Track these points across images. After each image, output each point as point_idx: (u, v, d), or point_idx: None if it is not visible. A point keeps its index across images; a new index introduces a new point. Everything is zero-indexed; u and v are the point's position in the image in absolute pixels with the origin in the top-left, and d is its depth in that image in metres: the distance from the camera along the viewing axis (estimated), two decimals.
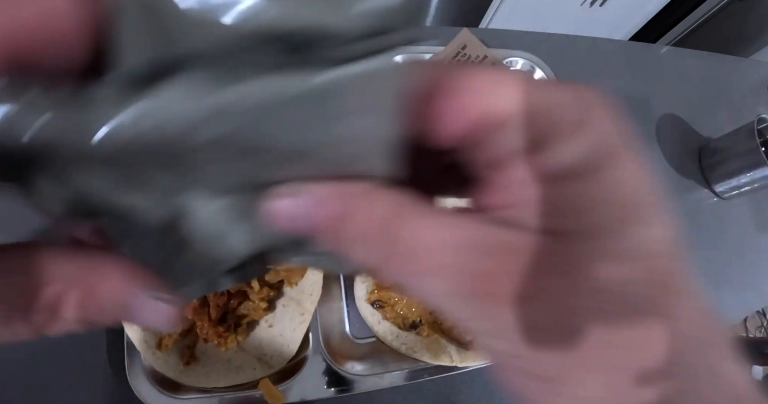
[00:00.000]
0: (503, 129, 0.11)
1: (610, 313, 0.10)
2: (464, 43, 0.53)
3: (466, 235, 0.10)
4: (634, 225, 0.11)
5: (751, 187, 0.58)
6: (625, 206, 0.10)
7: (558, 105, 0.11)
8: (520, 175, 0.11)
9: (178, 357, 0.37)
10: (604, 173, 0.10)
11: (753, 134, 0.56)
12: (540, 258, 0.10)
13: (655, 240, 0.11)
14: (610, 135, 0.11)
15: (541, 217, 0.10)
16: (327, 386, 0.39)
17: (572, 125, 0.11)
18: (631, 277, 0.10)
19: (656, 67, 0.70)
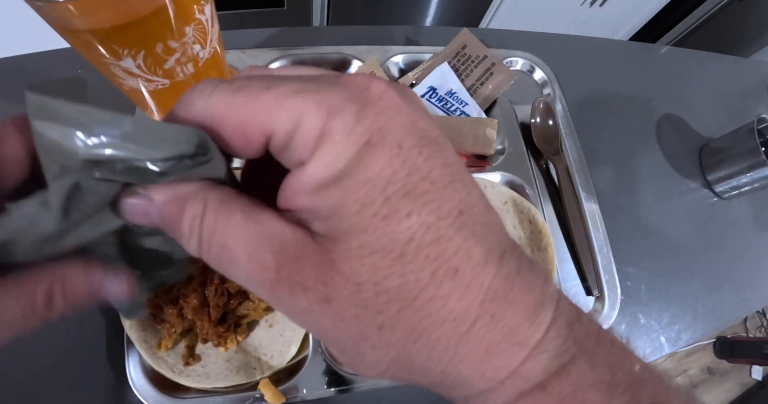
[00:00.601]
0: (280, 149, 0.13)
1: (371, 302, 0.12)
2: (464, 43, 0.53)
3: (259, 230, 0.12)
4: (381, 220, 0.12)
5: (751, 187, 0.58)
6: (368, 206, 0.12)
7: (303, 123, 0.12)
8: (298, 185, 0.12)
9: (178, 357, 0.37)
10: (345, 179, 0.12)
11: (753, 134, 0.56)
12: (311, 254, 0.12)
13: (406, 229, 0.12)
14: (348, 142, 0.12)
15: (311, 221, 0.12)
16: (327, 386, 0.39)
17: (313, 141, 0.12)
18: (385, 269, 0.12)
19: (656, 67, 0.70)
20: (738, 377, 1.66)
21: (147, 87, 0.31)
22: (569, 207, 0.51)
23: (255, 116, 0.12)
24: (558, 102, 0.58)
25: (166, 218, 0.13)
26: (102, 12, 0.24)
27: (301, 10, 1.08)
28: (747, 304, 0.57)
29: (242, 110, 0.12)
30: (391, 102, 0.12)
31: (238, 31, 0.54)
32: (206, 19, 0.30)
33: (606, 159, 0.58)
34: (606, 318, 0.48)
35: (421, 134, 0.12)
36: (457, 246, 0.12)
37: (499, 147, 0.53)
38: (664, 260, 0.55)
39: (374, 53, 0.54)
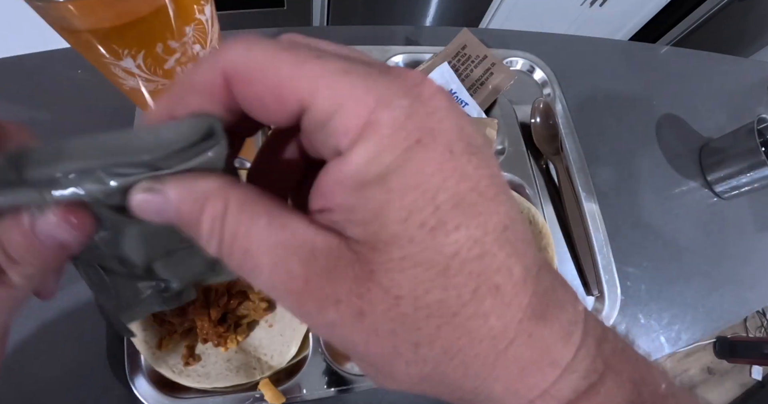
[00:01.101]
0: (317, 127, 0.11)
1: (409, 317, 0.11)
2: (464, 43, 0.53)
3: (288, 237, 0.11)
4: (428, 232, 0.11)
5: (751, 187, 0.58)
6: (415, 214, 0.11)
7: (346, 106, 0.11)
8: (333, 179, 0.11)
9: (178, 357, 0.37)
10: (391, 179, 0.11)
11: (753, 134, 0.56)
12: (346, 265, 0.11)
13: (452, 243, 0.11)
14: (398, 138, 0.11)
15: (352, 224, 0.11)
16: (327, 386, 0.39)
17: (355, 130, 0.11)
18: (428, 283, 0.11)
19: (656, 67, 0.70)
20: (738, 377, 1.66)
21: (147, 87, 0.31)
22: (569, 207, 0.51)
23: (295, 81, 0.11)
24: (558, 102, 0.58)
25: (183, 217, 0.12)
26: (102, 12, 0.24)
27: (301, 10, 1.08)
28: (747, 304, 0.57)
29: (284, 70, 0.11)
30: (443, 103, 0.12)
31: (238, 31, 0.54)
32: (206, 19, 0.30)
33: (606, 159, 0.58)
34: (606, 318, 0.48)
35: (469, 140, 0.12)
36: (500, 263, 0.12)
37: (499, 147, 0.53)
38: (664, 260, 0.55)
39: (374, 53, 0.54)
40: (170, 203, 0.12)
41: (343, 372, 0.40)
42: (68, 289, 0.38)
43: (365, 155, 0.11)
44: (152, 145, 0.12)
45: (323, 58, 0.11)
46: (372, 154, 0.11)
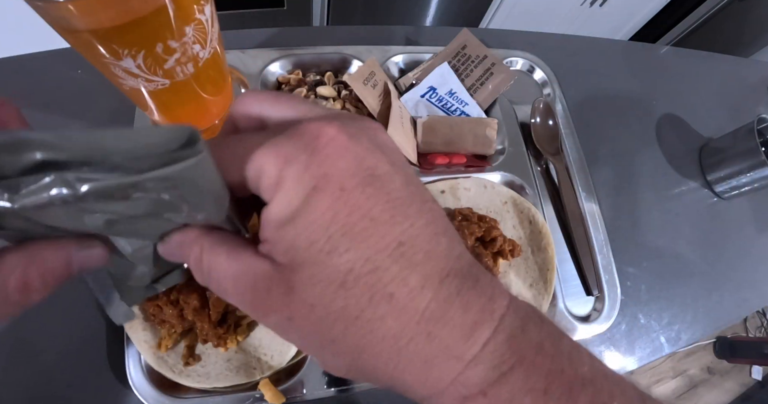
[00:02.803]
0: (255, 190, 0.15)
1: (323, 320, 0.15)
2: (464, 43, 0.53)
3: (240, 268, 0.15)
4: (326, 255, 0.14)
5: (751, 187, 0.58)
6: (315, 243, 0.14)
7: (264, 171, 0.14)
8: (265, 220, 0.15)
9: (178, 357, 0.37)
10: (296, 220, 0.14)
11: (753, 134, 0.56)
12: (276, 284, 0.15)
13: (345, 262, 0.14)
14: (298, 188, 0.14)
15: (277, 253, 0.15)
16: (327, 386, 0.39)
17: (272, 188, 0.14)
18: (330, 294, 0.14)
19: (656, 67, 0.70)
20: (738, 377, 1.66)
21: (147, 87, 0.31)
22: (569, 207, 0.51)
23: (231, 166, 0.15)
24: (558, 102, 0.58)
25: (181, 257, 0.17)
26: (102, 12, 0.24)
27: (301, 10, 1.08)
28: (747, 304, 0.57)
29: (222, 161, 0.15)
30: (338, 146, 0.14)
31: (238, 31, 0.54)
32: (206, 19, 0.30)
33: (606, 159, 0.58)
34: (606, 318, 0.48)
35: (366, 173, 0.14)
36: (393, 275, 0.14)
37: (499, 147, 0.53)
38: (664, 260, 0.55)
39: (374, 53, 0.54)
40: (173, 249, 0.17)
41: None
42: (68, 289, 0.37)
43: (279, 204, 0.14)
44: (128, 146, 0.12)
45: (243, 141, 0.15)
46: (283, 203, 0.14)
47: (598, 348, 0.48)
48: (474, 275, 0.16)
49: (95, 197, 0.12)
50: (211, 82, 0.35)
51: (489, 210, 0.47)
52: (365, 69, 0.48)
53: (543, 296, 0.45)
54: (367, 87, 0.47)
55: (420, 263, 0.15)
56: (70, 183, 0.12)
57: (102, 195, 0.12)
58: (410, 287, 0.14)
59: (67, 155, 0.12)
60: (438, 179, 0.48)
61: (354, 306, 0.14)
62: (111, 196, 0.12)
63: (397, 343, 0.14)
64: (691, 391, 1.60)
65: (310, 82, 0.51)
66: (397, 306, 0.14)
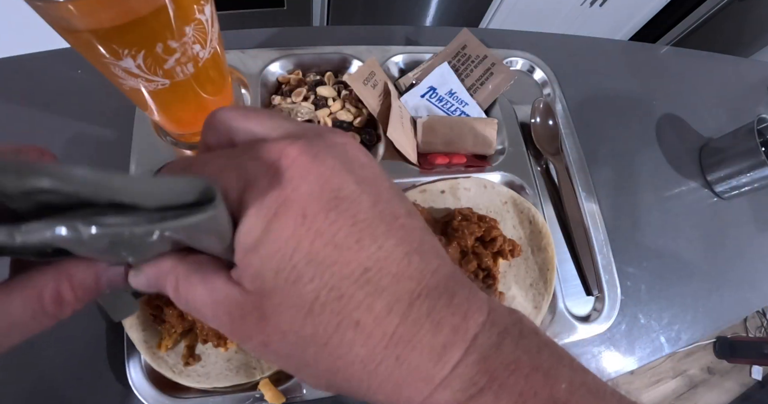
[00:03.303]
0: None
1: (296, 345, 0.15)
2: (464, 43, 0.53)
3: (216, 296, 0.15)
4: (291, 284, 0.14)
5: (751, 187, 0.58)
6: (280, 272, 0.14)
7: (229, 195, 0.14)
8: (236, 245, 0.15)
9: (178, 357, 0.37)
10: (260, 248, 0.14)
11: (753, 134, 0.56)
12: (249, 311, 0.15)
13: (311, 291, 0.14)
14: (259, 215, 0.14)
15: (246, 279, 0.15)
16: None
17: (235, 209, 0.14)
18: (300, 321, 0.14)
19: (656, 67, 0.70)
20: (738, 377, 1.66)
21: (147, 87, 0.31)
22: (569, 207, 0.51)
23: None
24: (558, 102, 0.58)
25: (158, 288, 0.16)
26: (102, 12, 0.24)
27: (301, 10, 1.08)
28: (747, 304, 0.57)
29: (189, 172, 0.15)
30: (300, 168, 0.14)
31: (238, 31, 0.54)
32: (206, 19, 0.30)
33: (606, 159, 0.58)
34: (606, 318, 0.48)
35: (330, 196, 0.14)
36: (359, 302, 0.14)
37: (499, 147, 0.53)
38: (664, 260, 0.55)
39: (374, 53, 0.54)
40: (150, 280, 0.16)
41: None
42: None
43: (244, 229, 0.14)
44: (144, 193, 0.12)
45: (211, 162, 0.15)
46: (247, 228, 0.14)
47: (598, 348, 0.48)
48: (450, 291, 0.15)
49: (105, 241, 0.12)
50: (211, 82, 0.35)
51: (489, 210, 0.47)
52: (365, 69, 0.48)
53: (543, 296, 0.45)
54: (367, 87, 0.47)
55: (386, 287, 0.14)
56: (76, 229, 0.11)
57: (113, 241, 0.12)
58: (376, 313, 0.14)
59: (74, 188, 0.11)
60: (438, 179, 0.48)
61: (322, 332, 0.14)
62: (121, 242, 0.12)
63: (366, 367, 0.14)
64: (691, 391, 1.60)
65: (310, 82, 0.51)
66: (364, 332, 0.14)
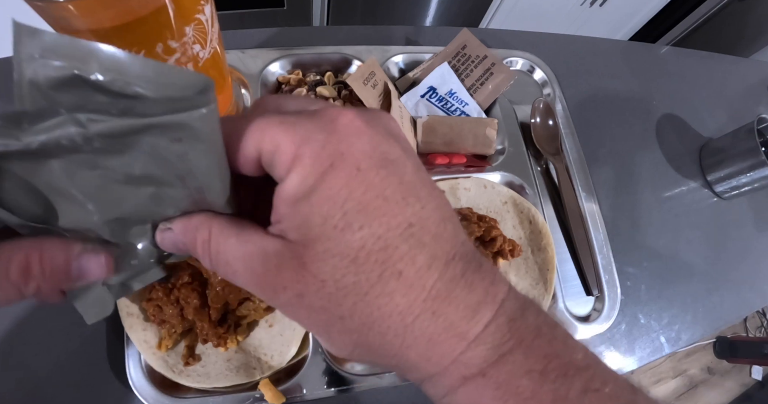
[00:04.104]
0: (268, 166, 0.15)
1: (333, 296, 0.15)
2: (464, 43, 0.53)
3: (250, 248, 0.15)
4: (340, 231, 0.14)
5: (751, 187, 0.58)
6: (329, 219, 0.14)
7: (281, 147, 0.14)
8: (278, 198, 0.15)
9: (178, 357, 0.37)
10: (312, 196, 0.14)
11: (753, 134, 0.56)
12: (288, 260, 0.15)
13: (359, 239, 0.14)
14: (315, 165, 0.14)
15: (290, 230, 0.15)
16: (327, 386, 0.39)
17: (288, 163, 0.15)
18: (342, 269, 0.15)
19: (656, 67, 0.70)
20: (738, 377, 1.66)
21: None
22: (569, 207, 0.51)
23: (248, 138, 0.15)
24: (558, 102, 0.58)
25: (186, 244, 0.17)
26: (102, 12, 0.24)
27: (301, 10, 1.08)
28: (747, 304, 0.57)
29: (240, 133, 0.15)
30: (355, 129, 0.15)
31: (238, 31, 0.54)
32: (206, 19, 0.30)
33: (606, 159, 0.58)
34: (606, 318, 0.48)
35: (381, 156, 0.15)
36: (403, 253, 0.15)
37: (499, 147, 0.53)
38: (664, 260, 0.55)
39: (374, 53, 0.54)
40: (177, 236, 0.17)
41: (343, 372, 0.40)
42: None
43: (295, 180, 0.14)
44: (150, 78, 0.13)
45: (265, 116, 0.15)
46: (299, 179, 0.14)
47: (598, 348, 0.48)
48: (477, 260, 0.16)
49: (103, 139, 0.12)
50: None
51: (489, 210, 0.47)
52: (365, 69, 0.48)
53: (543, 296, 0.45)
54: (367, 87, 0.47)
55: (428, 244, 0.15)
56: (81, 122, 0.12)
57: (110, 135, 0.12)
58: (418, 266, 0.15)
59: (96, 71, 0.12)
60: (438, 179, 0.48)
61: (364, 281, 0.14)
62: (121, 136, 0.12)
63: (403, 320, 0.15)
64: (691, 391, 1.60)
65: (310, 82, 0.51)
66: (406, 283, 0.15)
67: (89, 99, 0.13)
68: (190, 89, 0.13)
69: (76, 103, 0.12)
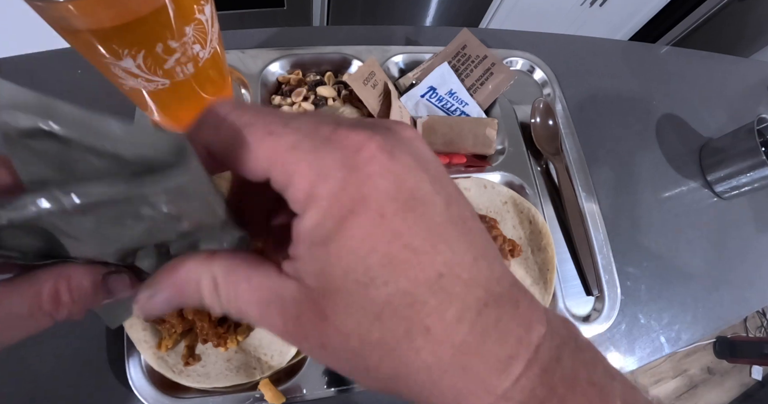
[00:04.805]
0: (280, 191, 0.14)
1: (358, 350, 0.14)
2: (464, 43, 0.53)
3: (265, 295, 0.14)
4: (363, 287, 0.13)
5: (751, 187, 0.58)
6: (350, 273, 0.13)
7: (294, 180, 0.13)
8: (296, 233, 0.14)
9: (178, 357, 0.37)
10: (331, 244, 0.13)
11: (753, 134, 0.56)
12: (307, 311, 0.14)
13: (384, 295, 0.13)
14: (333, 209, 0.13)
15: (307, 275, 0.14)
16: (327, 386, 0.39)
17: (302, 201, 0.13)
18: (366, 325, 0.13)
19: (656, 67, 0.70)
20: (738, 377, 1.66)
21: (147, 87, 0.31)
22: (569, 207, 0.51)
23: (255, 158, 0.13)
24: (558, 102, 0.58)
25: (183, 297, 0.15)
26: (102, 12, 0.24)
27: (301, 10, 1.08)
28: (747, 304, 0.57)
29: (245, 147, 0.14)
30: (379, 166, 0.13)
31: (238, 31, 0.54)
32: (206, 19, 0.30)
33: (606, 159, 0.58)
34: (606, 318, 0.48)
35: (408, 196, 0.13)
36: (431, 309, 0.13)
37: (499, 147, 0.53)
38: (664, 260, 0.55)
39: (374, 53, 0.54)
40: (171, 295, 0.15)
41: None
42: None
43: (311, 221, 0.13)
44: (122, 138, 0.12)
45: (275, 135, 0.13)
46: (315, 221, 0.13)
47: (598, 349, 0.48)
48: (514, 300, 0.15)
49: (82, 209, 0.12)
50: (211, 82, 0.35)
51: (489, 210, 0.47)
52: (365, 69, 0.48)
53: (543, 296, 0.45)
54: (367, 87, 0.47)
55: (458, 294, 0.14)
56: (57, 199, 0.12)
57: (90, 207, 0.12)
58: (447, 321, 0.14)
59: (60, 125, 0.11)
60: None
61: (390, 338, 0.14)
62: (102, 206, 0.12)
63: (431, 376, 0.14)
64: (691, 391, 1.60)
65: (310, 82, 0.51)
66: (433, 340, 0.14)
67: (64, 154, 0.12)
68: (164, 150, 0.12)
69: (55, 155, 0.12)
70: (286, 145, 0.13)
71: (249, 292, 0.14)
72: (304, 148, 0.13)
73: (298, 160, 0.13)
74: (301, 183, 0.13)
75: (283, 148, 0.13)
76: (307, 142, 0.13)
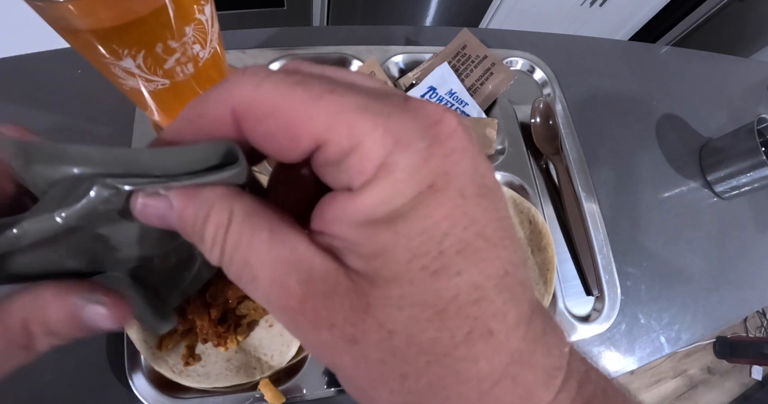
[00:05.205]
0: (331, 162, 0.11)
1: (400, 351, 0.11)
2: (464, 43, 0.53)
3: (287, 254, 0.11)
4: (430, 275, 0.11)
5: (751, 187, 0.58)
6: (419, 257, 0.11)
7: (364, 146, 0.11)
8: (341, 210, 0.11)
9: (178, 357, 0.37)
10: (400, 222, 0.11)
11: (753, 134, 0.56)
12: (343, 294, 0.11)
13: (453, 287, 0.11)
14: (411, 183, 0.11)
15: (354, 256, 0.11)
16: (327, 386, 0.39)
17: (370, 171, 0.11)
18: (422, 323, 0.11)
19: (656, 67, 0.70)
20: (738, 377, 1.66)
21: (147, 87, 0.31)
22: (569, 207, 0.51)
23: (310, 119, 0.11)
24: (558, 102, 0.58)
25: (186, 223, 0.12)
26: (102, 12, 0.24)
27: (301, 10, 1.08)
28: (747, 304, 0.57)
29: (298, 107, 0.11)
30: (461, 142, 0.11)
31: (238, 31, 0.54)
32: (206, 19, 0.30)
33: (606, 159, 0.58)
34: (606, 318, 0.48)
35: (481, 181, 0.12)
36: (497, 309, 0.12)
37: (499, 147, 0.53)
38: (664, 260, 0.55)
39: (374, 53, 0.54)
40: (173, 208, 0.12)
41: None
42: None
43: (377, 197, 0.11)
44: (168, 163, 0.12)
45: (338, 93, 0.11)
46: (384, 196, 0.11)
47: (598, 349, 0.48)
48: (547, 311, 0.14)
49: None
50: (211, 82, 0.35)
51: None
52: (365, 69, 0.48)
53: (543, 296, 0.45)
54: None
55: (518, 296, 0.12)
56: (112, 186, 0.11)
57: None
58: (509, 324, 0.12)
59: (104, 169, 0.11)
60: None
61: (448, 339, 0.11)
62: None
63: (480, 387, 0.12)
64: (691, 391, 1.60)
65: None
66: (494, 345, 0.12)
67: None
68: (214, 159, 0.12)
69: None
70: (354, 105, 0.11)
71: (268, 245, 0.12)
72: (375, 111, 0.11)
73: (373, 122, 0.11)
74: (375, 148, 0.11)
75: (350, 108, 0.11)
76: (378, 104, 0.11)
